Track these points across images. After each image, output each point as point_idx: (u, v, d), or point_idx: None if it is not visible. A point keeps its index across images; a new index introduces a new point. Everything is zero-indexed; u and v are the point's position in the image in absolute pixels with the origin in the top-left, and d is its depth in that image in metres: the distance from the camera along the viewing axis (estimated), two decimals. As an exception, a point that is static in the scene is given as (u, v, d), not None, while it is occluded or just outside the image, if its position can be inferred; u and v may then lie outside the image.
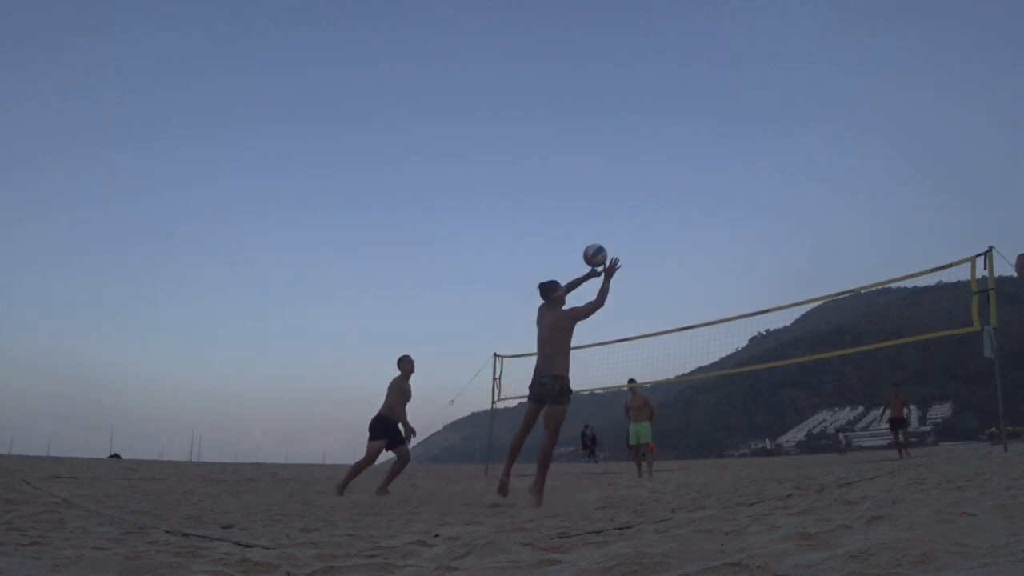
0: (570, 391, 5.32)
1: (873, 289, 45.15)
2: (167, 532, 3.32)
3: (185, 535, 3.22)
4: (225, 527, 3.70)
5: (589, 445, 25.10)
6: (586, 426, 26.17)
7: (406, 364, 7.62)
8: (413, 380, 7.70)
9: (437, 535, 3.12)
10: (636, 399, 11.82)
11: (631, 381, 11.99)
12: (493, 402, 14.14)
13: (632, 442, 11.75)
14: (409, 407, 7.62)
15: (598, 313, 5.34)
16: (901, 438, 13.59)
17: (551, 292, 5.48)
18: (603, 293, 5.32)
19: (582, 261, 5.43)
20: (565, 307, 5.42)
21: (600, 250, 5.39)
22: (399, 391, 7.50)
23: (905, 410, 14.05)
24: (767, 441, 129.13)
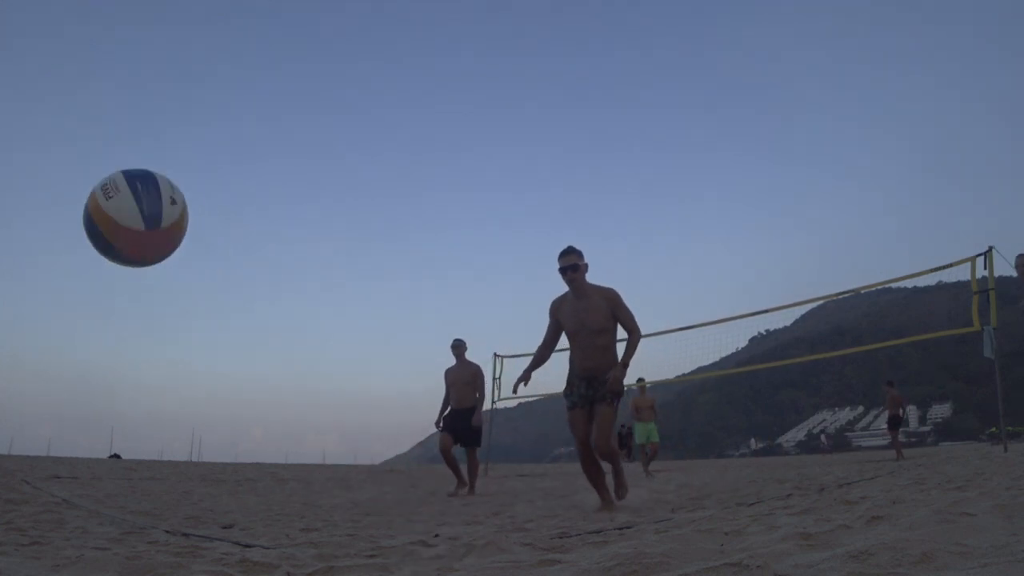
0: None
1: (873, 289, 45.18)
2: (167, 532, 3.32)
3: (185, 535, 3.22)
4: (225, 527, 3.70)
5: (627, 445, 25.04)
6: (623, 425, 26.21)
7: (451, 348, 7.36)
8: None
9: (437, 535, 3.12)
10: (645, 399, 11.89)
11: (640, 380, 12.08)
12: (493, 402, 14.14)
13: (642, 441, 11.79)
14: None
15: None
16: (902, 438, 13.42)
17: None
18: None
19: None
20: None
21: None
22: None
23: (900, 409, 13.70)
24: (752, 441, 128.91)
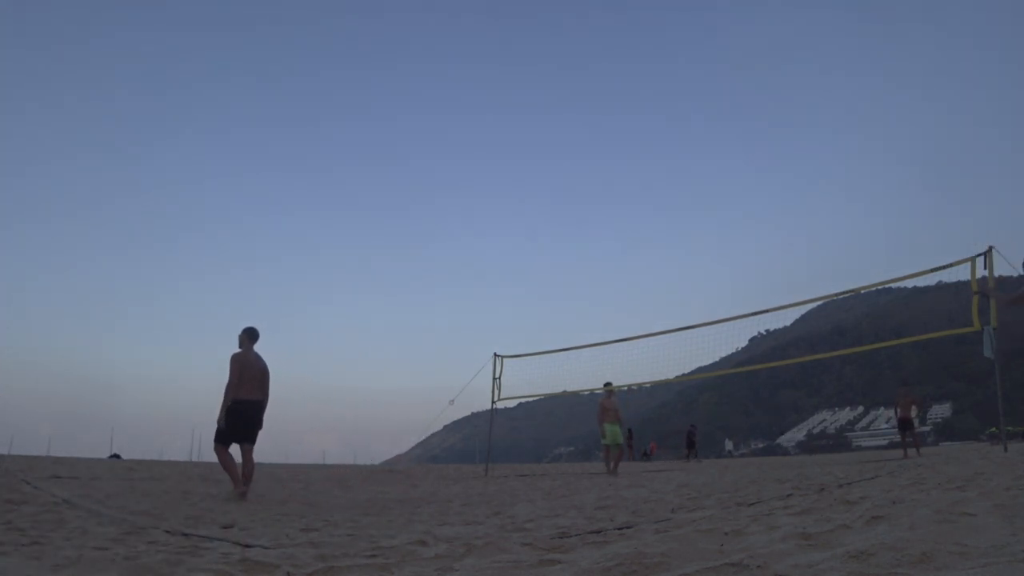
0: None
1: (873, 289, 45.18)
2: (167, 532, 3.32)
3: (185, 535, 3.22)
4: (225, 527, 3.70)
5: (694, 445, 25.39)
6: (692, 426, 26.74)
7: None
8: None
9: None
10: (612, 401, 12.07)
11: (608, 384, 12.33)
12: (493, 402, 14.11)
13: (609, 442, 11.93)
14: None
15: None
16: (909, 438, 13.79)
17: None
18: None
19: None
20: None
21: None
22: None
23: (914, 408, 14.39)
24: (728, 442, 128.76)
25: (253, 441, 6.42)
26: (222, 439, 6.26)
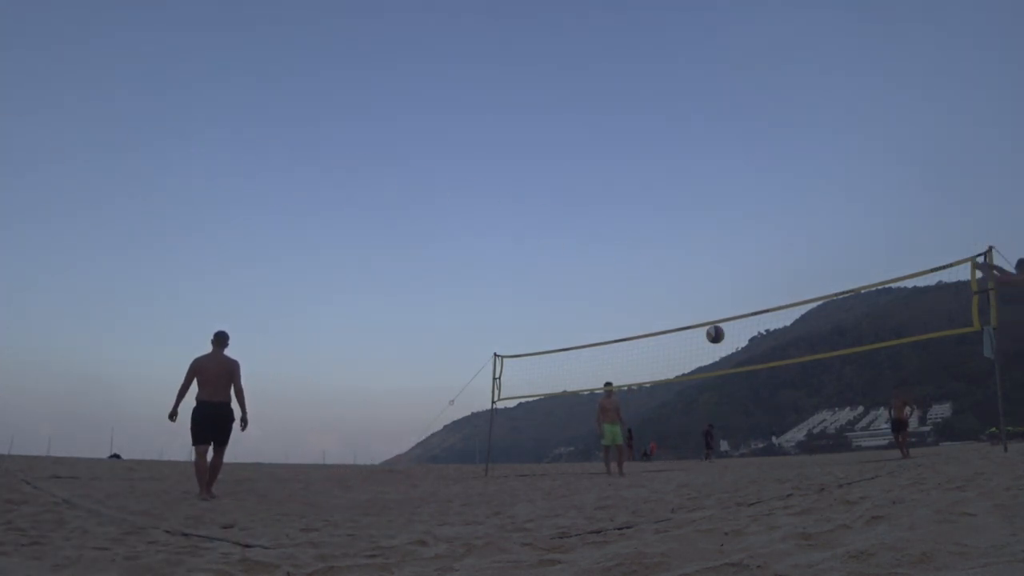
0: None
1: (873, 289, 45.17)
2: (167, 532, 3.32)
3: (185, 535, 3.22)
4: (225, 527, 3.70)
5: (712, 445, 25.57)
6: (710, 425, 26.92)
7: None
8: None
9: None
10: (612, 401, 12.04)
11: (608, 384, 12.32)
12: (493, 402, 14.10)
13: (608, 443, 11.92)
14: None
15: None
16: (901, 439, 13.91)
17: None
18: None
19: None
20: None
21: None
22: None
23: (907, 409, 14.56)
24: (724, 443, 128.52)
25: (224, 443, 6.54)
26: (197, 439, 6.38)
